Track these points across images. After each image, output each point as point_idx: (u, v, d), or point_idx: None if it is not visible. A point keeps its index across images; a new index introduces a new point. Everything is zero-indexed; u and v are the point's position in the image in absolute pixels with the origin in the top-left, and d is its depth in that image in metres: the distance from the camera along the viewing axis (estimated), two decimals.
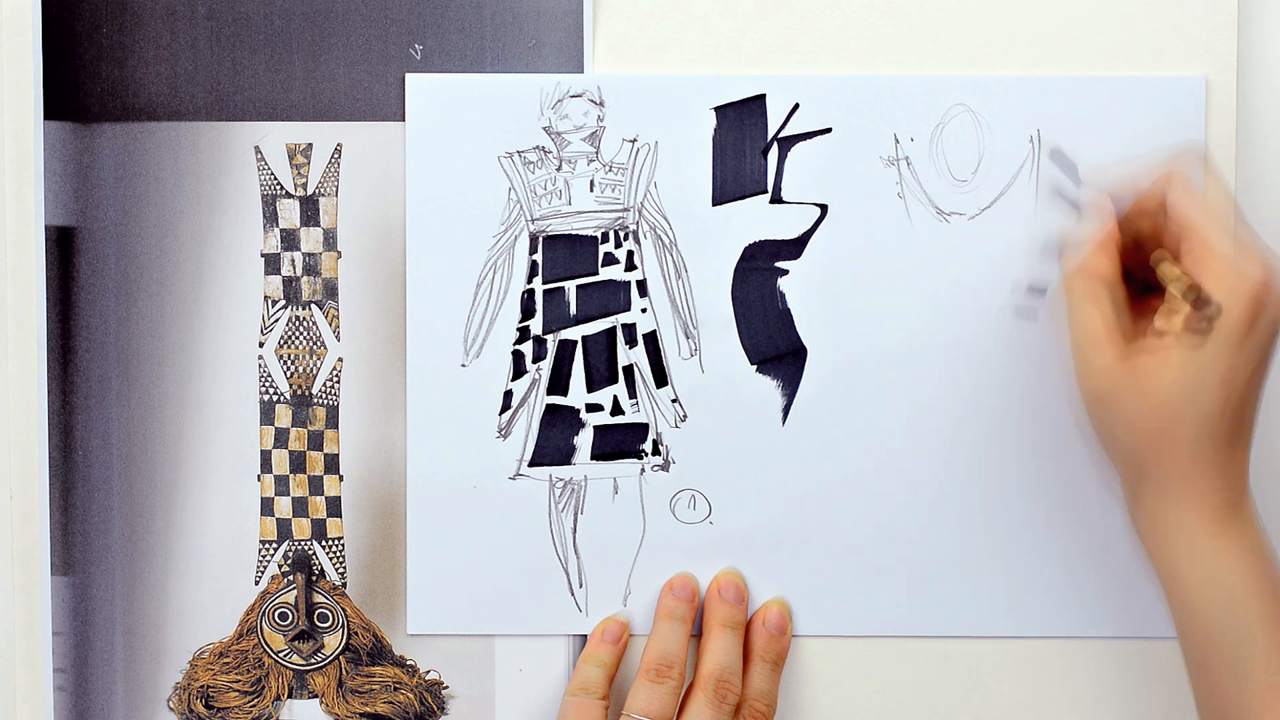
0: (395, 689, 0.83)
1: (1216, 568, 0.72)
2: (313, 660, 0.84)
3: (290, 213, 0.82)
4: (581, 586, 0.83)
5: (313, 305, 0.83)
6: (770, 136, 0.82)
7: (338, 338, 0.83)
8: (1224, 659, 0.71)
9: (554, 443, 0.82)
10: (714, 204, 0.82)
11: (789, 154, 0.82)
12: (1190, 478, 0.72)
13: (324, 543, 0.83)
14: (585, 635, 0.83)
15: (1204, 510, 0.72)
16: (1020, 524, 0.82)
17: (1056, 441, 0.82)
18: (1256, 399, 0.73)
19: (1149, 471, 0.73)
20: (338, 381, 0.83)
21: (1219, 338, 0.71)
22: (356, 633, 0.83)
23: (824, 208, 0.82)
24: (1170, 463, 0.73)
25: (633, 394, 0.82)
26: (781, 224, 0.82)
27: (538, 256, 0.82)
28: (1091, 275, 0.76)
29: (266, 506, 0.83)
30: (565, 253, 0.82)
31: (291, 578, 0.83)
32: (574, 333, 0.82)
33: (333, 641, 0.83)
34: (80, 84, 0.82)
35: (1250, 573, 0.72)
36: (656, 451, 0.82)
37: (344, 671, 0.84)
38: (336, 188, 0.82)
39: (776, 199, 0.82)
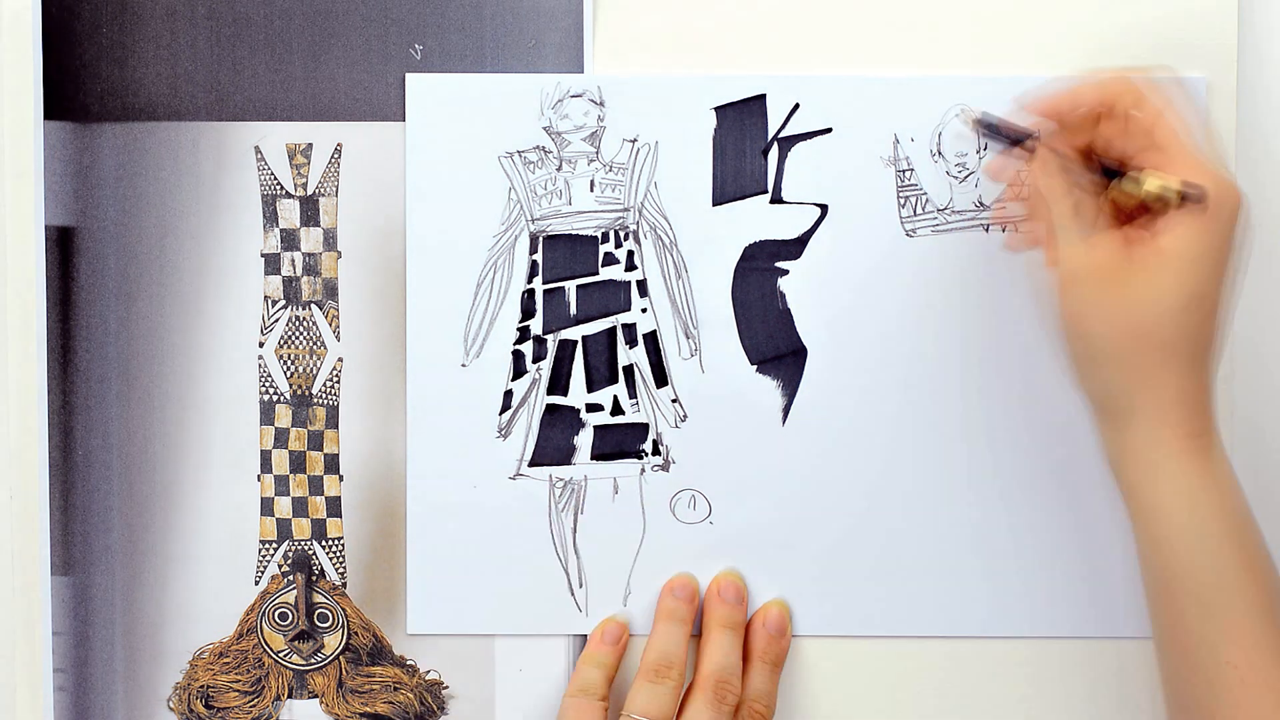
0: (395, 689, 0.83)
1: (1190, 491, 0.71)
2: (313, 660, 0.84)
3: (290, 213, 0.82)
4: (581, 586, 0.83)
5: (313, 305, 0.83)
6: (770, 136, 0.82)
7: (338, 338, 0.83)
8: (1191, 590, 0.70)
9: (554, 443, 0.82)
10: (714, 204, 0.82)
11: (789, 154, 0.82)
12: (1159, 398, 0.71)
13: (324, 543, 0.83)
14: (585, 635, 0.82)
15: (1175, 434, 0.71)
16: (1021, 524, 0.82)
17: (1059, 442, 0.82)
18: (1218, 306, 0.71)
19: (1118, 391, 0.72)
20: (338, 381, 0.83)
21: (1208, 229, 0.70)
22: (356, 633, 0.83)
23: (824, 208, 0.82)
24: (1139, 376, 0.71)
25: (633, 394, 0.82)
26: (781, 224, 0.82)
27: (538, 256, 0.82)
28: (1057, 152, 0.74)
29: (266, 506, 0.83)
30: (565, 253, 0.82)
31: (291, 578, 0.83)
32: (574, 333, 0.82)
33: (333, 641, 0.83)
34: (80, 84, 0.82)
35: (1222, 502, 0.71)
36: (656, 451, 0.82)
37: (344, 671, 0.84)
38: (336, 188, 0.82)
39: (776, 199, 0.82)
